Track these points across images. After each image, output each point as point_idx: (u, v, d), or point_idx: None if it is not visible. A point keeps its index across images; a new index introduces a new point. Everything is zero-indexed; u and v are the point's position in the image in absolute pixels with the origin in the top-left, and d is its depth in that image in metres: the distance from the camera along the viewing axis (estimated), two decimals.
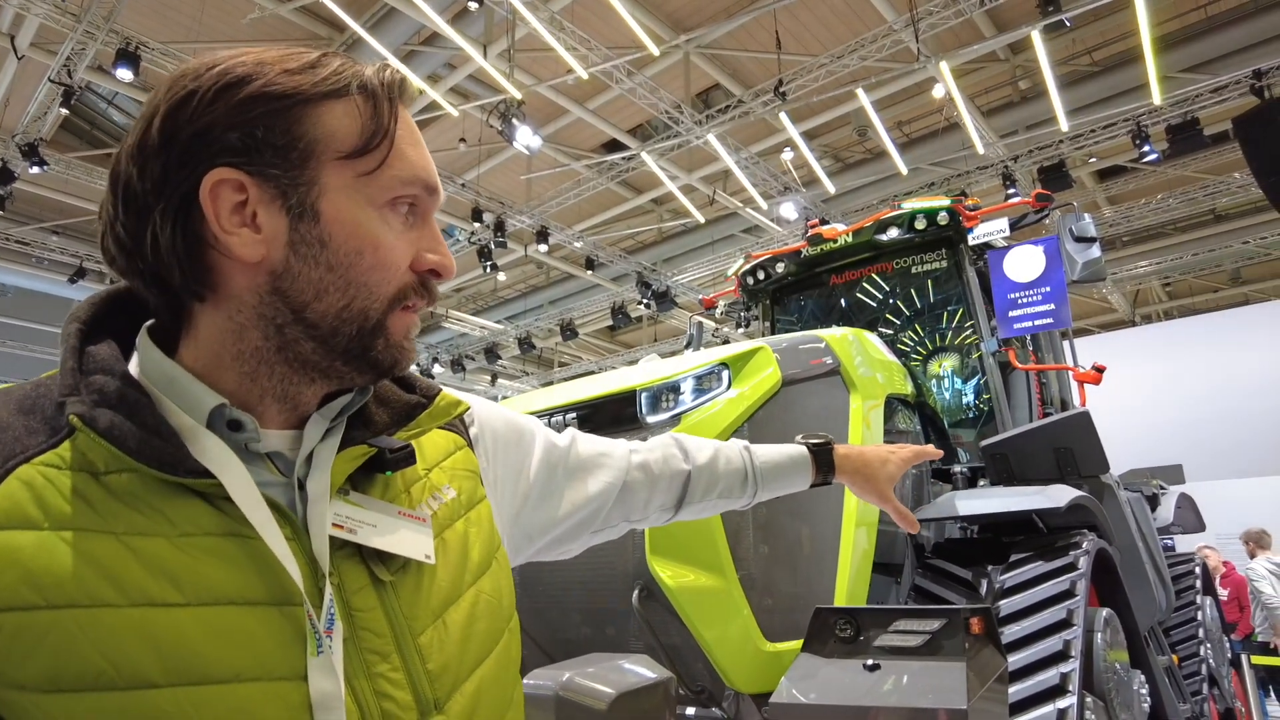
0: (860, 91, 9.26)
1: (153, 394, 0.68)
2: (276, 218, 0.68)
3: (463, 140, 10.77)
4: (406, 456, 0.78)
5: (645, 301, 14.08)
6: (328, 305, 0.69)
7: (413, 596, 0.73)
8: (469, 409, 0.93)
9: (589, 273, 14.11)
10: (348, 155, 0.69)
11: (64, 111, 9.14)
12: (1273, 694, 7.77)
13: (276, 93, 0.67)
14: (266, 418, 0.72)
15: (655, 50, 8.72)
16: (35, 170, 9.78)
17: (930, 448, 1.41)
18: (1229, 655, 5.89)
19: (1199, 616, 5.19)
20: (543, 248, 12.80)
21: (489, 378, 19.45)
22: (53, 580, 0.57)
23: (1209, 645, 5.07)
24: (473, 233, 12.46)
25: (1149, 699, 3.00)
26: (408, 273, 0.73)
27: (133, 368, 0.70)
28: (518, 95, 9.13)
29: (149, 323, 0.73)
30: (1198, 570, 5.60)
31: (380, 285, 0.71)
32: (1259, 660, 7.39)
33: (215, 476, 0.64)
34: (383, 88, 0.72)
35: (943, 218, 4.10)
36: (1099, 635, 2.63)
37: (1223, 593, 7.81)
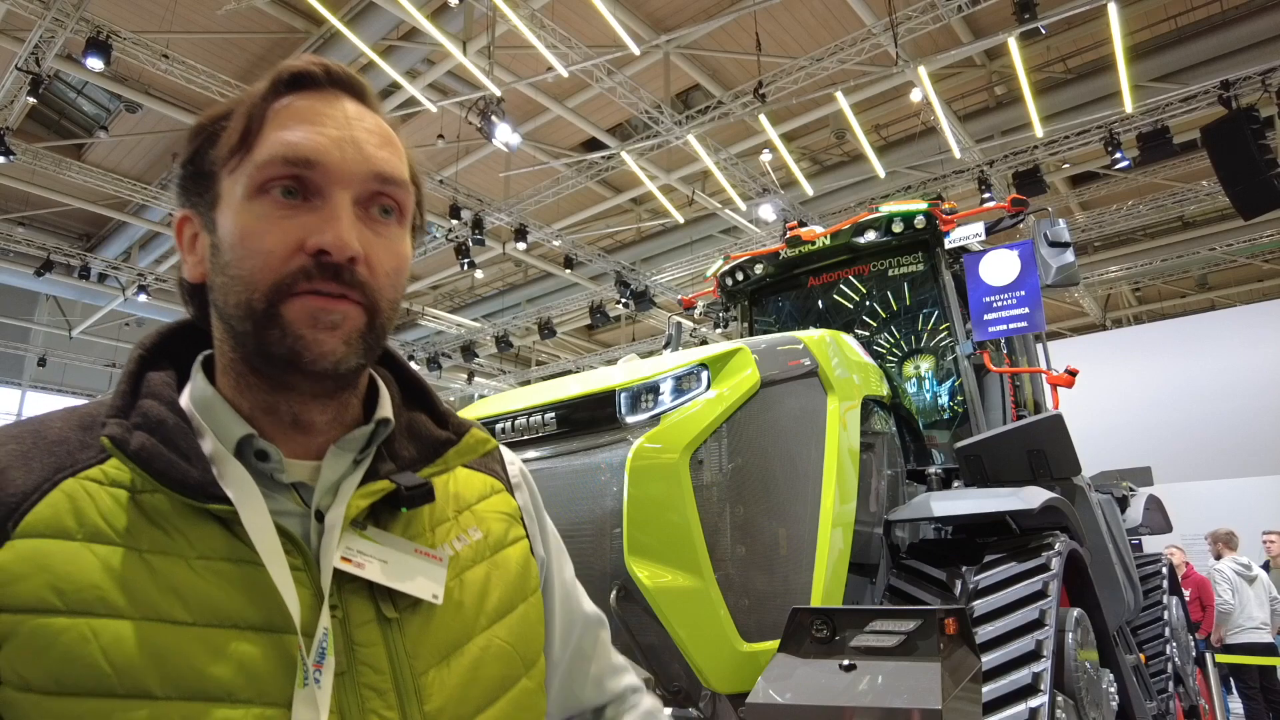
0: (839, 94, 9.32)
1: (194, 421, 0.72)
2: (205, 238, 0.74)
3: (441, 136, 10.70)
4: (424, 494, 0.77)
5: (624, 301, 14.07)
6: (228, 308, 0.71)
7: (418, 635, 0.73)
8: (497, 447, 0.92)
9: (567, 271, 14.08)
10: (226, 159, 0.72)
11: (31, 100, 8.95)
12: (1234, 690, 7.94)
13: (192, 132, 0.76)
14: (285, 444, 0.74)
15: (636, 50, 8.71)
16: (1, 160, 9.56)
17: None
18: (1193, 654, 6.01)
19: (1165, 616, 5.28)
20: (521, 245, 12.74)
21: (465, 376, 19.33)
22: (74, 588, 0.61)
23: (1175, 644, 5.17)
24: (450, 230, 12.37)
25: (1117, 697, 3.05)
26: (298, 256, 0.68)
27: (185, 396, 0.75)
28: (497, 92, 9.08)
29: (205, 353, 0.78)
30: (1165, 570, 5.70)
31: (254, 274, 0.68)
32: (1223, 659, 7.54)
33: (232, 505, 0.67)
34: (269, 85, 0.73)
35: (919, 221, 4.13)
36: (1070, 635, 2.67)
37: (1185, 593, 7.96)
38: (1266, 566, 8.25)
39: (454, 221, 11.75)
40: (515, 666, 0.81)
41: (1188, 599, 7.50)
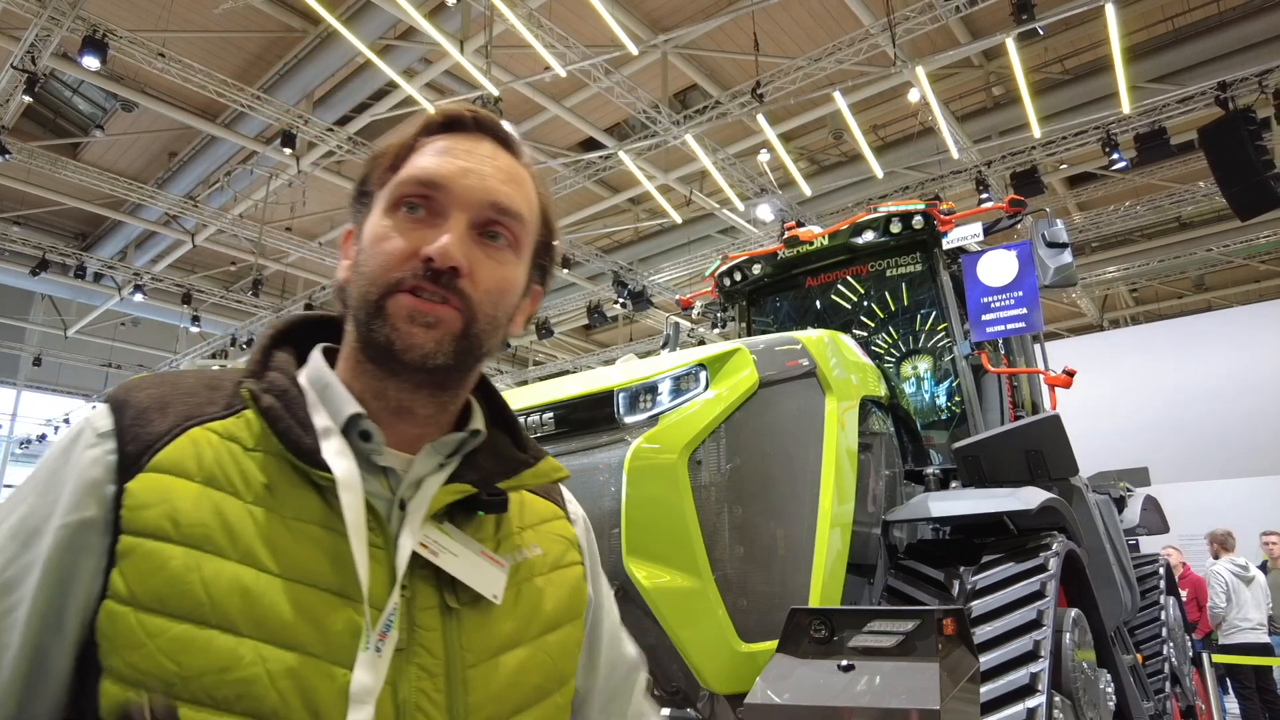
0: (837, 94, 9.32)
1: (309, 396, 0.81)
2: (355, 246, 0.86)
3: None
4: (501, 502, 0.86)
5: (621, 301, 14.06)
6: (353, 299, 0.82)
7: (475, 630, 0.80)
8: (568, 476, 1.00)
9: (565, 271, 14.07)
10: (379, 180, 0.85)
11: (27, 99, 8.92)
12: (1230, 690, 7.95)
13: (367, 161, 0.88)
14: (386, 432, 0.81)
15: (633, 49, 8.71)
16: None
17: None
18: (1190, 654, 6.02)
19: (1162, 616, 5.28)
20: None
21: None
22: (188, 522, 0.69)
23: (1172, 644, 5.17)
24: None
25: (1114, 697, 3.05)
26: (411, 261, 0.79)
27: (303, 375, 0.84)
28: (495, 92, 9.07)
29: (323, 344, 0.88)
30: (1162, 571, 5.71)
31: (375, 272, 0.80)
32: (1219, 659, 7.56)
33: (333, 474, 0.74)
34: (423, 124, 0.87)
35: (918, 221, 4.13)
36: (1068, 635, 2.67)
37: (1181, 593, 7.98)
38: (1264, 567, 8.26)
39: None
40: (552, 680, 0.87)
41: (1184, 599, 7.52)
